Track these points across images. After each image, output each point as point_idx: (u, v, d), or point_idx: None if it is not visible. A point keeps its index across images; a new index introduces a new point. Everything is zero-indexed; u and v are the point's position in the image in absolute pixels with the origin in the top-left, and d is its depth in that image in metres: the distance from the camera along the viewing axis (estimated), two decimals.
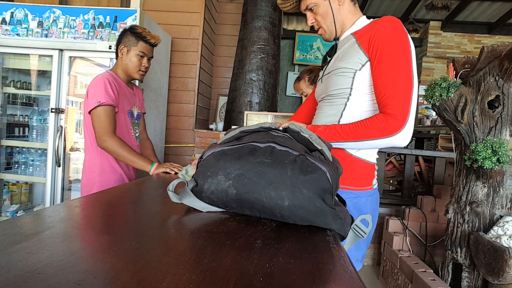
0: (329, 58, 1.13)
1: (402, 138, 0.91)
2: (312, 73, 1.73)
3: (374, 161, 1.06)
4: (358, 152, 1.02)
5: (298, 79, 1.78)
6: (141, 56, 1.60)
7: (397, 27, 0.93)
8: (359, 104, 1.00)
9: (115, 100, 1.49)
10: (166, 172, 1.41)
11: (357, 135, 0.94)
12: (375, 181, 1.08)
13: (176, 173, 1.40)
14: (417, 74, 0.95)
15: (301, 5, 1.10)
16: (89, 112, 1.46)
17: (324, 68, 1.14)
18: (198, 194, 0.64)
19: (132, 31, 1.59)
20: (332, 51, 1.12)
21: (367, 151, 1.04)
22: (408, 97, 0.90)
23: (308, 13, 1.09)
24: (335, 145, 0.98)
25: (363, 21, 1.05)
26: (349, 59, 0.99)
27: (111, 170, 1.55)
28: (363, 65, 0.97)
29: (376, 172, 1.09)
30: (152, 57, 1.67)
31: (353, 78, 0.98)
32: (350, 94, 1.00)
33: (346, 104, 1.01)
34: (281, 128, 0.70)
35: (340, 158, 1.01)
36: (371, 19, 1.04)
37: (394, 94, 0.90)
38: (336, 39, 1.09)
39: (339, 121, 1.03)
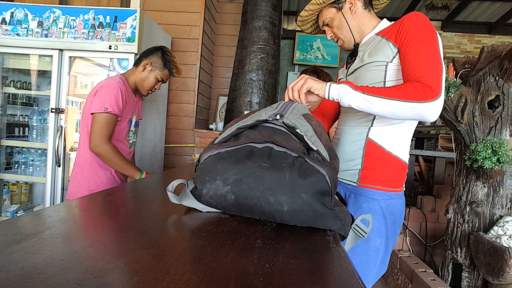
0: (351, 59, 1.13)
1: (434, 109, 0.85)
2: (319, 76, 1.70)
3: (407, 160, 1.05)
4: (393, 148, 1.01)
5: None
6: (159, 80, 1.67)
7: (424, 19, 0.93)
8: None
9: (121, 110, 1.53)
10: None
11: (387, 93, 0.87)
12: (404, 183, 1.07)
13: None
14: None
15: (319, 24, 1.14)
16: (92, 113, 1.49)
17: (347, 68, 1.14)
18: (197, 197, 0.63)
19: (164, 56, 1.64)
20: (353, 54, 1.11)
21: (401, 147, 1.01)
22: (440, 75, 0.88)
23: (326, 29, 1.12)
24: (358, 98, 0.88)
25: (386, 23, 1.06)
26: (379, 52, 0.98)
27: (102, 167, 1.56)
28: (394, 56, 0.96)
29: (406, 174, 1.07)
30: (165, 82, 1.75)
31: (385, 71, 0.97)
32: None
33: None
34: (278, 117, 0.69)
35: (375, 155, 1.01)
36: (393, 22, 1.05)
37: (427, 70, 0.87)
38: (357, 44, 1.10)
39: (374, 117, 1.01)
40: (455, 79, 1.70)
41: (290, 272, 0.39)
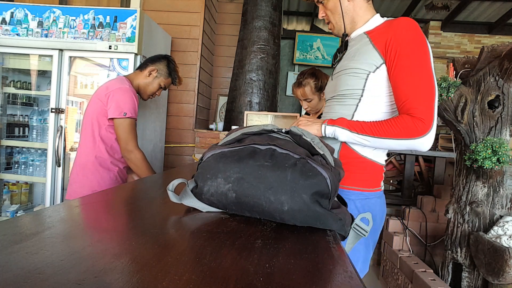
0: (339, 55, 1.11)
1: (426, 142, 0.88)
2: (318, 80, 1.69)
3: (383, 162, 1.05)
4: (368, 153, 1.01)
5: (302, 85, 1.69)
6: (161, 87, 1.74)
7: (414, 29, 0.90)
8: (371, 106, 0.98)
9: (137, 114, 1.60)
10: None
11: (380, 132, 0.90)
12: (382, 183, 1.07)
13: None
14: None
15: None
16: (111, 119, 1.54)
17: (334, 66, 1.12)
18: (198, 195, 0.63)
19: (169, 65, 1.73)
20: (342, 48, 1.10)
21: (377, 152, 1.02)
22: (432, 101, 0.88)
23: (320, 6, 1.08)
24: (355, 138, 0.94)
25: (376, 20, 1.02)
26: (363, 60, 0.96)
27: (105, 168, 1.56)
28: (377, 67, 0.94)
29: (384, 174, 1.08)
30: (165, 90, 1.83)
31: (366, 79, 0.96)
32: (361, 96, 0.98)
33: (357, 105, 0.99)
34: (283, 130, 0.70)
35: (350, 159, 1.00)
36: (385, 18, 1.02)
37: (418, 98, 0.87)
38: (345, 35, 1.07)
39: None
40: (455, 79, 1.70)
41: (290, 272, 0.39)
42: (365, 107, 0.98)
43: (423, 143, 0.88)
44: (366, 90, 0.97)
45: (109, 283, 0.33)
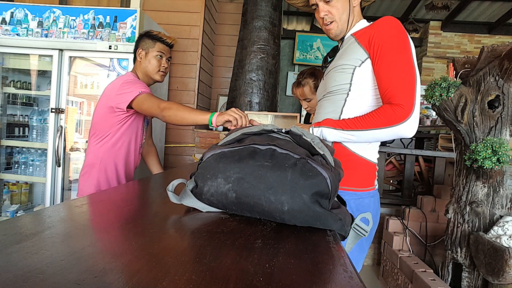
0: (329, 59, 1.14)
1: (409, 127, 0.91)
2: (318, 79, 1.70)
3: (376, 160, 1.07)
4: (360, 150, 1.02)
5: (301, 85, 1.70)
6: (159, 56, 1.62)
7: (396, 25, 0.95)
8: (359, 99, 1.01)
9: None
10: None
11: (363, 125, 0.94)
12: (376, 181, 1.08)
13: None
14: (418, 71, 0.96)
15: None
16: (130, 104, 1.43)
17: (324, 70, 1.16)
18: (198, 195, 0.63)
19: (148, 35, 1.64)
20: (333, 52, 1.13)
21: (369, 150, 1.03)
22: (413, 88, 0.91)
23: (322, 4, 1.04)
24: (341, 135, 0.97)
25: (362, 24, 1.07)
26: (349, 56, 1.00)
27: (111, 169, 1.55)
28: (362, 62, 0.98)
29: (377, 172, 1.09)
30: (170, 57, 1.69)
31: (352, 74, 0.99)
32: (349, 90, 1.01)
33: (345, 100, 1.02)
34: (283, 130, 0.70)
35: (342, 156, 1.01)
36: (371, 22, 1.06)
37: (398, 86, 0.91)
38: (342, 38, 1.10)
39: (339, 117, 1.03)
40: (455, 79, 1.70)
41: (290, 272, 0.39)
42: (353, 101, 1.01)
43: (406, 129, 0.91)
44: (353, 84, 1.00)
45: (109, 283, 0.33)
